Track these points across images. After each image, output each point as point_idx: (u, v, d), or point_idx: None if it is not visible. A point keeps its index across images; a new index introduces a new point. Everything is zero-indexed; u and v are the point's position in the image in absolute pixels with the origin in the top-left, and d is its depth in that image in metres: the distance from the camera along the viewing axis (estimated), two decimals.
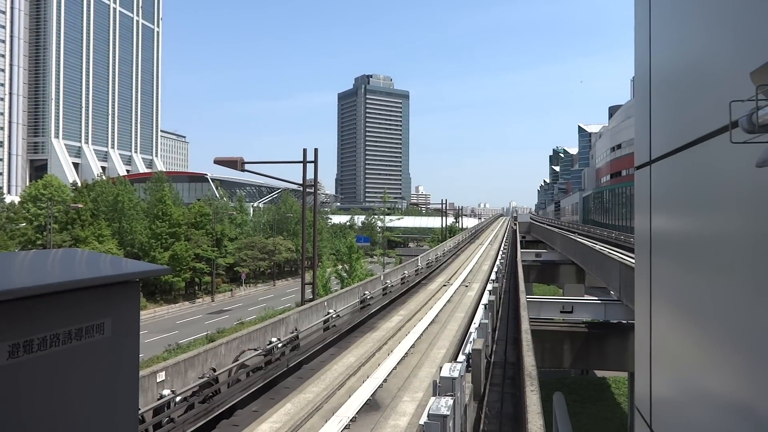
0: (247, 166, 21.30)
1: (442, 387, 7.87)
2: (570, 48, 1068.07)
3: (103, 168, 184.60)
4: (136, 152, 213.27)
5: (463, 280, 31.22)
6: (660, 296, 4.03)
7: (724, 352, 2.73)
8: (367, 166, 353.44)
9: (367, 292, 23.32)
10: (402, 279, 29.81)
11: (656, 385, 4.06)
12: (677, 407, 3.54)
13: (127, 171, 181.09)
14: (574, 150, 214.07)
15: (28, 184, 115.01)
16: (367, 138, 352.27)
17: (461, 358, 11.62)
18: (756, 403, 2.31)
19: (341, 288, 39.73)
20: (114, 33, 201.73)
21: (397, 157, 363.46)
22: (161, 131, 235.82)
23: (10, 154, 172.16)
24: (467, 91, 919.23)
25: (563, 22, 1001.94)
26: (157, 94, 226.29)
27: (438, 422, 6.74)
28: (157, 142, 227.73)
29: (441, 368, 8.52)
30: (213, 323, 52.65)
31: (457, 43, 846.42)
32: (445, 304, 23.22)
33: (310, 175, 25.61)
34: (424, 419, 7.00)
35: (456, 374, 8.03)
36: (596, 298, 35.15)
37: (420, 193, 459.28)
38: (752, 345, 2.37)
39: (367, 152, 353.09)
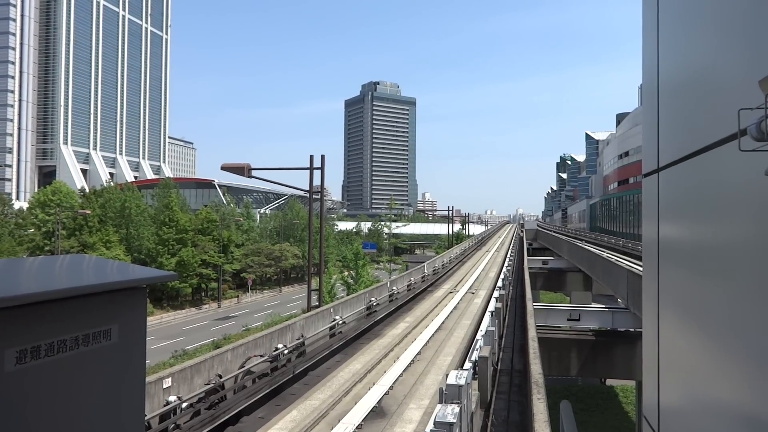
0: (254, 173, 21.37)
1: (448, 394, 7.85)
2: (577, 56, 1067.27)
3: (111, 174, 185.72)
4: (143, 158, 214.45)
5: (470, 288, 31.14)
6: (668, 304, 4.01)
7: (734, 360, 2.71)
8: (373, 173, 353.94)
9: (373, 299, 23.30)
10: (408, 286, 29.77)
11: (664, 394, 4.03)
12: (686, 416, 3.52)
13: (135, 177, 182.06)
14: (581, 157, 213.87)
15: (36, 190, 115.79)
16: (373, 145, 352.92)
17: (468, 365, 11.58)
18: (766, 413, 2.29)
19: (347, 294, 39.73)
20: (123, 40, 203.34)
21: (403, 163, 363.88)
22: (169, 138, 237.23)
23: (19, 160, 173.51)
24: (474, 99, 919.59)
25: (570, 30, 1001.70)
26: (165, 100, 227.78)
27: (444, 430, 6.72)
28: (164, 149, 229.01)
29: (447, 375, 8.50)
30: (219, 329, 52.71)
31: (464, 51, 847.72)
32: (451, 311, 23.16)
33: (316, 182, 25.69)
34: (430, 427, 6.98)
35: (462, 382, 8.01)
36: (603, 306, 35.00)
37: (426, 199, 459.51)
38: (762, 353, 2.35)
39: (373, 159, 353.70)
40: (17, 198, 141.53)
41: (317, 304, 24.43)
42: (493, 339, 13.51)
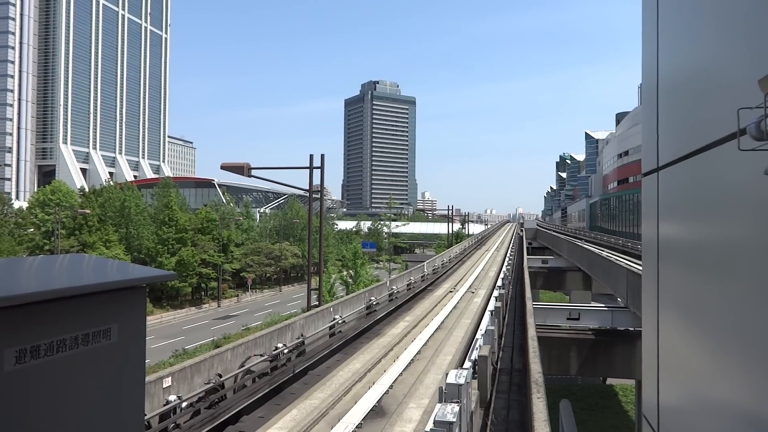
0: (253, 172, 21.36)
1: (448, 393, 7.84)
2: (577, 55, 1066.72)
3: (111, 173, 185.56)
4: (143, 158, 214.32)
5: (470, 287, 31.13)
6: (668, 303, 4.01)
7: (733, 359, 2.71)
8: (373, 172, 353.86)
9: (373, 298, 23.30)
10: (408, 285, 29.77)
11: (664, 393, 4.03)
12: (685, 415, 3.52)
13: (135, 176, 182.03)
14: (581, 157, 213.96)
15: (36, 189, 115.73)
16: (373, 144, 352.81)
17: (467, 364, 11.58)
18: (767, 413, 2.29)
19: (346, 294, 39.72)
20: (122, 39, 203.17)
21: (403, 163, 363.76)
22: (168, 137, 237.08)
23: (18, 159, 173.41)
24: (474, 98, 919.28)
25: (570, 29, 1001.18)
26: (165, 99, 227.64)
27: (444, 429, 6.71)
28: (164, 148, 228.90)
29: (447, 375, 8.49)
30: (219, 329, 52.71)
31: (464, 50, 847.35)
32: (451, 311, 23.16)
33: (316, 181, 25.69)
34: (430, 426, 6.97)
35: (462, 381, 8.00)
36: (603, 305, 34.99)
37: (426, 199, 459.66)
38: (762, 353, 2.35)
39: (373, 158, 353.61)
40: (17, 197, 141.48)
41: (317, 303, 24.43)
42: (493, 338, 13.51)
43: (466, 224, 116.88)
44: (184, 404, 10.48)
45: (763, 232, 2.34)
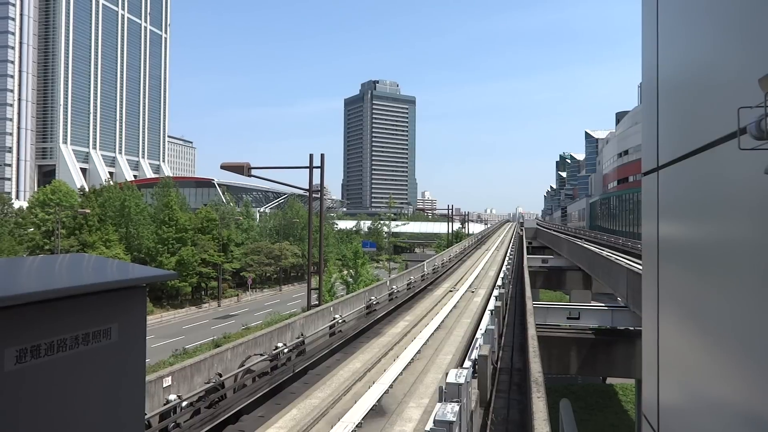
0: (253, 172, 21.35)
1: (448, 393, 7.84)
2: (576, 54, 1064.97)
3: (111, 173, 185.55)
4: (143, 157, 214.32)
5: (470, 286, 31.13)
6: (667, 303, 4.01)
7: (733, 358, 2.71)
8: (373, 172, 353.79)
9: (373, 298, 23.29)
10: (408, 284, 29.76)
11: (664, 392, 4.03)
12: (685, 414, 3.52)
13: (135, 176, 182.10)
14: (581, 156, 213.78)
15: (36, 189, 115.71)
16: (373, 143, 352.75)
17: (467, 364, 11.56)
18: (766, 411, 2.29)
19: (347, 293, 39.72)
20: (122, 39, 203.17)
21: (403, 162, 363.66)
22: (168, 137, 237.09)
23: (18, 159, 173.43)
24: (474, 97, 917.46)
25: (570, 29, 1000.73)
26: (165, 99, 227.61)
27: (444, 428, 6.71)
28: (164, 148, 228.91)
29: (447, 374, 8.49)
30: (219, 328, 52.70)
31: (464, 50, 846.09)
32: (451, 310, 23.16)
33: (316, 180, 25.67)
34: (430, 425, 6.97)
35: (462, 380, 7.99)
36: (603, 305, 35.00)
37: (426, 198, 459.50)
38: (761, 352, 2.35)
39: (373, 157, 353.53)
40: (17, 197, 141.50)
41: (317, 302, 24.42)
42: (493, 338, 13.50)
43: (466, 223, 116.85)
44: (184, 403, 10.48)
45: (763, 230, 2.34)
